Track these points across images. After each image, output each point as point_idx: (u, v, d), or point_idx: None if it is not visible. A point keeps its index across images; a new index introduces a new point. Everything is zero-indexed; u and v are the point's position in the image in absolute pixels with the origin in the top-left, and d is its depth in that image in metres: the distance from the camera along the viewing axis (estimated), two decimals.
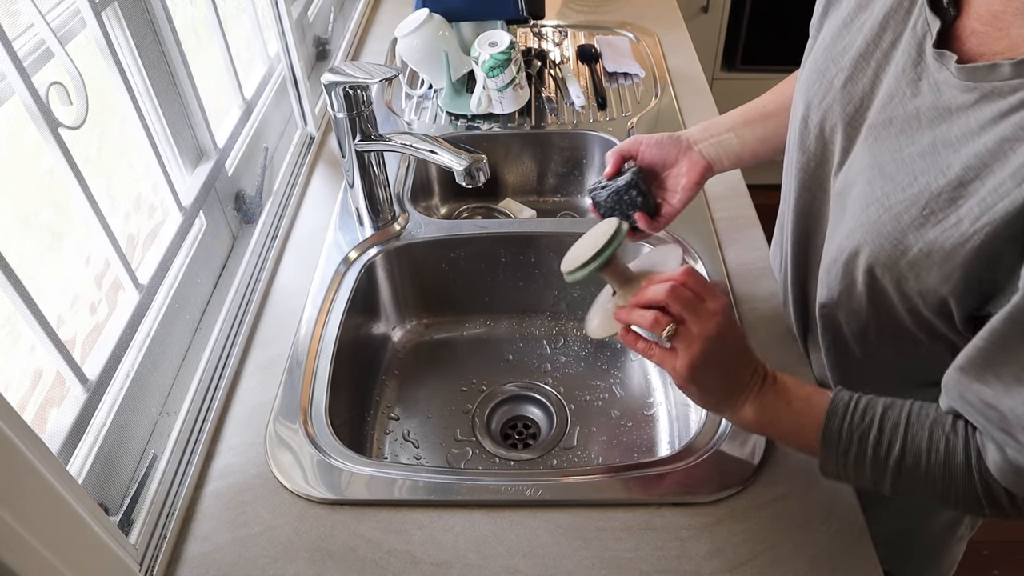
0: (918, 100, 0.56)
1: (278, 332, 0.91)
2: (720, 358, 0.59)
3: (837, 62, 0.64)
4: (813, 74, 0.67)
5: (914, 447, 0.56)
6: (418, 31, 1.23)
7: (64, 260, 0.71)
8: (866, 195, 0.60)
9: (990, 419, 0.53)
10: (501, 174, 1.32)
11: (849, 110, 0.63)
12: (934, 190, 0.54)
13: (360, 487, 0.73)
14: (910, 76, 0.57)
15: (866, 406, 0.59)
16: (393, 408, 1.01)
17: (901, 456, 0.57)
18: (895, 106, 0.58)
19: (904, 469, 0.57)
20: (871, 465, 0.58)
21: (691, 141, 0.81)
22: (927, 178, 0.54)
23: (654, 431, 0.96)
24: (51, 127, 0.61)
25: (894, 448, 0.57)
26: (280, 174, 1.11)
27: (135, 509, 0.69)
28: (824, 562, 0.67)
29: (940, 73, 0.54)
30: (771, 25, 2.23)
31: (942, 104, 0.54)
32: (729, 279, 0.95)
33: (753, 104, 0.85)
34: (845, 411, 0.59)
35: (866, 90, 0.61)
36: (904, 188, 0.56)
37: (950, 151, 0.53)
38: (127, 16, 0.75)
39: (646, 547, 0.68)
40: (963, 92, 0.52)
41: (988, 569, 1.62)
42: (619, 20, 1.59)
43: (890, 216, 0.57)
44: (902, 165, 0.57)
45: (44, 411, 0.65)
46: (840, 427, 0.58)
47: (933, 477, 0.56)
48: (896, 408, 0.58)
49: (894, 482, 0.58)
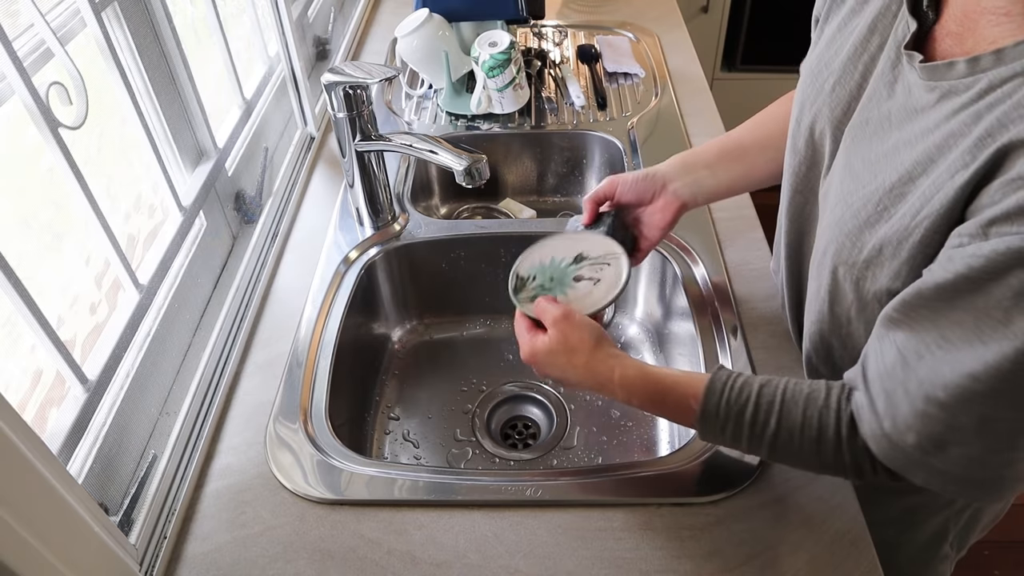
0: (891, 102, 0.57)
1: (278, 332, 0.91)
2: (557, 365, 0.69)
3: (828, 66, 0.65)
4: (807, 77, 0.68)
5: (788, 423, 0.60)
6: (418, 31, 1.23)
7: (64, 260, 0.71)
8: (836, 194, 0.61)
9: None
10: (501, 174, 1.32)
11: (837, 113, 0.64)
12: (887, 186, 0.55)
13: (360, 487, 0.73)
14: (888, 78, 0.58)
15: (743, 385, 0.62)
16: (393, 408, 1.01)
17: (776, 432, 0.60)
18: (872, 107, 0.59)
19: (779, 444, 0.60)
20: (747, 440, 0.62)
21: (666, 179, 0.81)
22: (884, 175, 0.56)
23: (654, 431, 0.97)
24: (51, 127, 0.61)
25: (769, 425, 0.60)
26: (280, 174, 1.11)
27: (135, 509, 0.69)
28: (824, 562, 0.67)
29: (911, 75, 0.55)
30: (771, 25, 2.23)
31: (911, 105, 0.55)
32: (729, 279, 0.95)
33: (732, 137, 0.84)
34: (722, 389, 0.62)
35: (852, 93, 0.62)
36: (864, 186, 0.57)
37: (907, 148, 0.54)
38: (127, 16, 0.75)
39: (646, 547, 0.68)
40: (927, 92, 0.53)
41: (988, 569, 1.62)
42: (619, 20, 1.59)
43: (851, 213, 0.58)
44: (868, 165, 0.58)
45: (44, 411, 0.65)
46: (717, 404, 0.62)
47: (806, 451, 0.60)
48: (771, 386, 0.61)
49: (770, 455, 0.62)
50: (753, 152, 0.82)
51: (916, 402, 0.52)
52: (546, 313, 0.69)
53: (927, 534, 0.84)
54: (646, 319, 1.09)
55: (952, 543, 0.87)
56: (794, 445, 0.60)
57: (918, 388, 0.51)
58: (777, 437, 0.60)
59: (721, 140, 0.84)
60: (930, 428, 0.52)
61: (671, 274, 0.99)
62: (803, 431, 0.59)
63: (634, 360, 0.68)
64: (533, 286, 0.76)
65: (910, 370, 0.52)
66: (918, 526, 0.83)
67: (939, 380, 0.50)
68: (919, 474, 0.55)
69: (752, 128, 0.84)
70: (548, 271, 0.77)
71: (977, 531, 0.87)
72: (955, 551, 0.89)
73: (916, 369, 0.51)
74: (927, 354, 0.51)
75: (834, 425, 0.58)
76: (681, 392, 0.64)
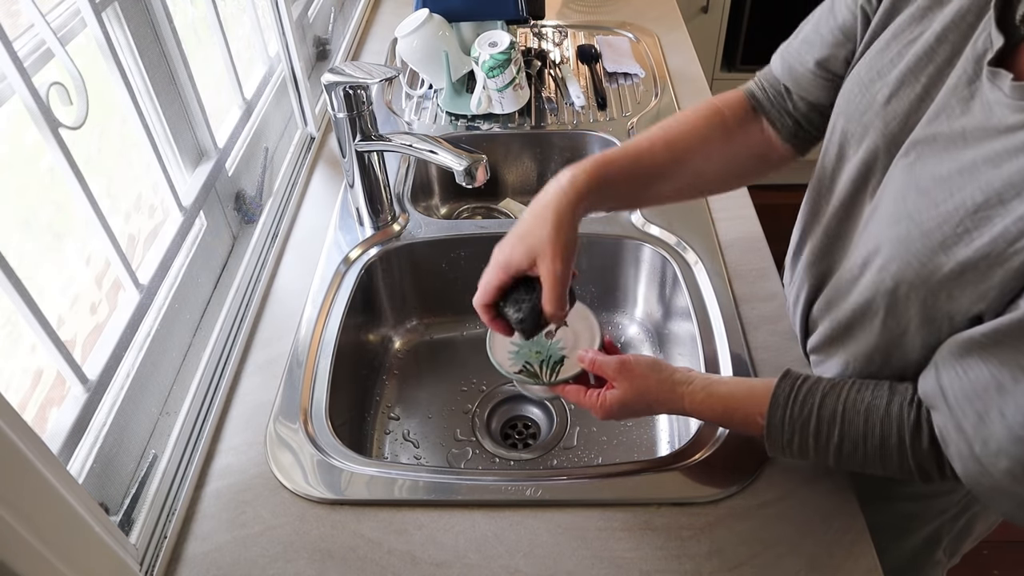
0: (966, 119, 0.54)
1: (278, 332, 0.91)
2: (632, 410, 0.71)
3: (883, 76, 0.61)
4: (855, 87, 0.64)
5: (852, 434, 0.61)
6: (418, 31, 1.23)
7: (64, 260, 0.71)
8: (897, 211, 0.58)
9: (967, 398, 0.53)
10: (501, 174, 1.32)
11: (893, 127, 0.60)
12: (970, 207, 0.52)
13: (360, 487, 0.73)
14: (962, 94, 0.54)
15: (805, 396, 0.63)
16: (393, 408, 1.01)
17: (840, 443, 0.62)
18: (941, 123, 0.56)
19: (844, 454, 0.62)
20: (813, 451, 0.63)
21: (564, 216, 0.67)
22: (963, 195, 0.52)
23: (654, 431, 0.97)
24: (51, 127, 0.61)
25: (833, 436, 0.62)
26: (280, 174, 1.11)
27: (135, 509, 0.69)
28: (824, 562, 0.67)
29: (993, 93, 0.52)
30: (771, 25, 2.23)
31: (991, 125, 0.52)
32: (729, 279, 0.95)
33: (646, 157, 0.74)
34: (786, 404, 0.63)
35: (912, 107, 0.59)
36: (938, 205, 0.54)
37: (990, 167, 0.51)
38: (127, 16, 0.75)
39: (646, 547, 0.68)
40: (1015, 112, 0.50)
41: (988, 569, 1.62)
42: (619, 20, 1.59)
43: (920, 232, 0.55)
44: (939, 182, 0.54)
45: (44, 411, 0.65)
46: (782, 419, 0.63)
47: (871, 459, 0.61)
48: (833, 395, 0.62)
49: (836, 464, 0.63)
50: (663, 178, 0.75)
51: (1015, 427, 0.50)
52: (606, 367, 0.70)
53: (920, 540, 0.84)
54: (646, 319, 1.09)
55: (945, 550, 0.86)
56: (858, 455, 0.61)
57: (1016, 413, 0.50)
58: (842, 448, 0.61)
59: (633, 159, 0.73)
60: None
61: (671, 274, 0.99)
62: (866, 440, 0.60)
63: (701, 378, 0.69)
64: (535, 364, 0.76)
65: (1007, 394, 0.51)
66: (912, 532, 0.83)
67: None
68: (1005, 503, 0.54)
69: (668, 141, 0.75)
70: (524, 352, 0.77)
71: (971, 539, 0.87)
72: (948, 557, 0.88)
73: (1015, 393, 0.50)
74: None
75: (896, 433, 0.59)
76: (747, 411, 0.66)
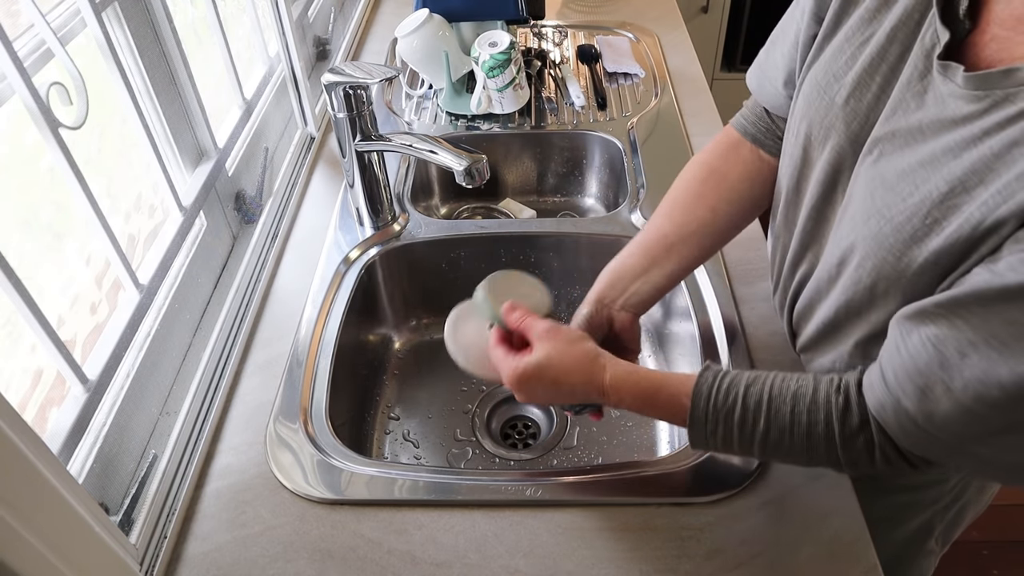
0: (921, 113, 0.55)
1: (278, 332, 0.91)
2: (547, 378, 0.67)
3: (839, 78, 0.63)
4: (813, 90, 0.66)
5: (778, 421, 0.60)
6: (418, 31, 1.23)
7: (64, 260, 0.71)
8: (866, 208, 0.59)
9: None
10: (501, 174, 1.32)
11: (854, 127, 0.62)
12: (936, 198, 0.53)
13: (360, 487, 0.73)
14: (915, 89, 0.56)
15: (729, 385, 0.62)
16: (393, 408, 1.01)
17: (766, 432, 0.60)
18: (898, 119, 0.57)
19: (770, 443, 0.60)
20: (738, 442, 0.61)
21: (606, 304, 0.78)
22: (928, 186, 0.53)
23: (654, 431, 0.97)
24: (51, 127, 0.61)
25: (759, 424, 0.60)
26: (280, 174, 1.11)
27: (135, 509, 0.69)
28: (824, 562, 0.67)
29: (945, 86, 0.53)
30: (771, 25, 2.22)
31: (946, 116, 0.53)
32: (729, 279, 0.95)
33: (653, 235, 0.80)
34: (709, 393, 0.62)
35: (870, 105, 0.60)
36: (905, 199, 0.55)
37: (951, 157, 0.52)
38: (127, 16, 0.75)
39: (646, 547, 0.68)
40: (970, 102, 0.51)
41: (988, 569, 1.62)
42: (619, 20, 1.59)
43: (892, 228, 0.56)
44: (904, 176, 0.56)
45: (44, 411, 0.65)
46: (706, 409, 0.62)
47: (798, 447, 0.60)
48: (758, 384, 0.61)
49: (762, 455, 0.62)
50: (679, 245, 0.78)
51: (964, 401, 0.50)
52: (533, 327, 0.67)
53: (912, 530, 0.84)
54: (646, 319, 1.09)
55: (937, 539, 0.87)
56: (784, 444, 0.60)
57: (965, 388, 0.50)
58: (768, 437, 0.60)
59: (644, 240, 0.80)
60: (981, 425, 0.51)
61: None
62: (792, 429, 0.59)
63: (623, 361, 0.67)
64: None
65: (953, 368, 0.50)
66: (904, 523, 0.84)
67: (993, 379, 0.48)
68: (964, 462, 0.55)
69: (670, 218, 0.80)
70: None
71: (961, 527, 0.88)
72: (940, 546, 0.89)
73: (961, 368, 0.50)
74: (973, 352, 0.49)
75: (824, 420, 0.58)
76: (672, 391, 0.64)
